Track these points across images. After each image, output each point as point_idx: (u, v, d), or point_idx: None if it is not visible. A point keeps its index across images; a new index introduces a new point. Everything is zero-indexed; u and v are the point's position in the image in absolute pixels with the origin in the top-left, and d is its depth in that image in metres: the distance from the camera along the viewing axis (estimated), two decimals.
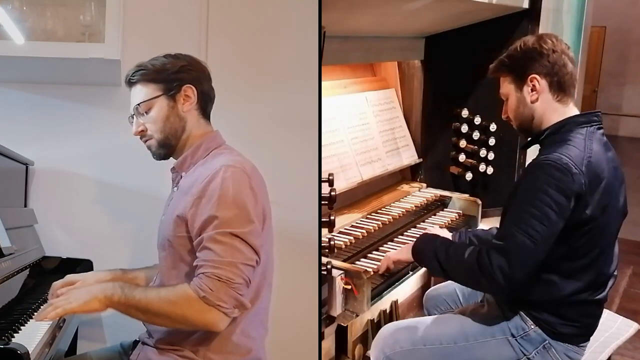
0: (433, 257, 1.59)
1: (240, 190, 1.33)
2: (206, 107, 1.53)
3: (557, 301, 1.54)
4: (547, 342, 1.56)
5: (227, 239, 1.29)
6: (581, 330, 1.58)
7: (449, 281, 2.07)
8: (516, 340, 1.58)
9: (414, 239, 2.14)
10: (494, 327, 1.61)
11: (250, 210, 1.33)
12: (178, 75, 1.47)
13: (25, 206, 1.96)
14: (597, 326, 1.64)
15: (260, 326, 1.47)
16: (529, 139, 1.66)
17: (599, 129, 1.56)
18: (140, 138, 1.50)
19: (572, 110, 1.59)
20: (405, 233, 2.27)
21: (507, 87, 1.64)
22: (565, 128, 1.54)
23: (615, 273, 1.62)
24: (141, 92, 1.48)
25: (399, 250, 1.85)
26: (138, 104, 1.48)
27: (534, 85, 1.57)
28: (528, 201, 1.43)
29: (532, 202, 1.42)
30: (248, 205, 1.33)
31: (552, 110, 1.58)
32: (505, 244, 1.43)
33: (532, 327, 1.57)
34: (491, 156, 2.66)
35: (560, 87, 1.57)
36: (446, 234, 1.98)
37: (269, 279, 1.48)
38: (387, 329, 1.76)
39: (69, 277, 1.56)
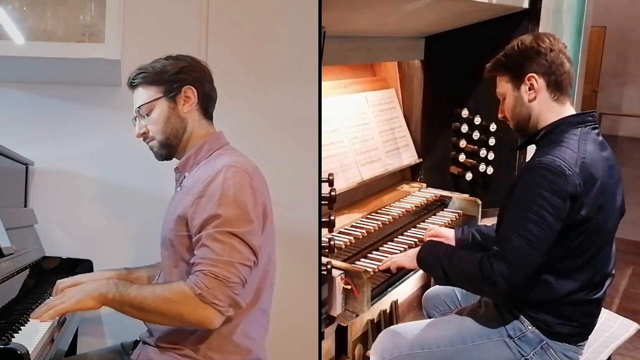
0: (438, 267, 1.61)
1: (241, 190, 1.33)
2: (207, 107, 1.54)
3: (555, 301, 1.53)
4: (544, 342, 1.56)
5: (226, 237, 1.29)
6: (579, 329, 1.58)
7: None
8: (513, 341, 1.58)
9: (415, 240, 2.17)
10: (491, 328, 1.61)
11: (250, 211, 1.34)
12: (178, 77, 1.48)
13: (25, 206, 1.95)
14: (595, 325, 1.63)
15: (260, 327, 1.47)
16: (524, 139, 1.66)
17: (593, 128, 1.56)
18: (143, 140, 1.52)
19: (569, 109, 1.59)
20: (405, 233, 2.27)
21: (504, 87, 1.65)
22: (559, 129, 1.54)
23: (612, 272, 1.62)
24: (142, 95, 1.49)
25: (405, 256, 1.84)
26: (139, 107, 1.49)
27: (531, 84, 1.57)
28: (524, 205, 1.45)
29: (528, 206, 1.43)
30: (248, 205, 1.34)
31: (549, 109, 1.58)
32: (504, 250, 1.45)
33: (530, 327, 1.57)
34: (491, 156, 2.66)
35: (557, 86, 1.57)
36: (448, 232, 1.99)
37: (270, 280, 1.48)
38: (385, 333, 1.76)
39: (76, 278, 1.56)
